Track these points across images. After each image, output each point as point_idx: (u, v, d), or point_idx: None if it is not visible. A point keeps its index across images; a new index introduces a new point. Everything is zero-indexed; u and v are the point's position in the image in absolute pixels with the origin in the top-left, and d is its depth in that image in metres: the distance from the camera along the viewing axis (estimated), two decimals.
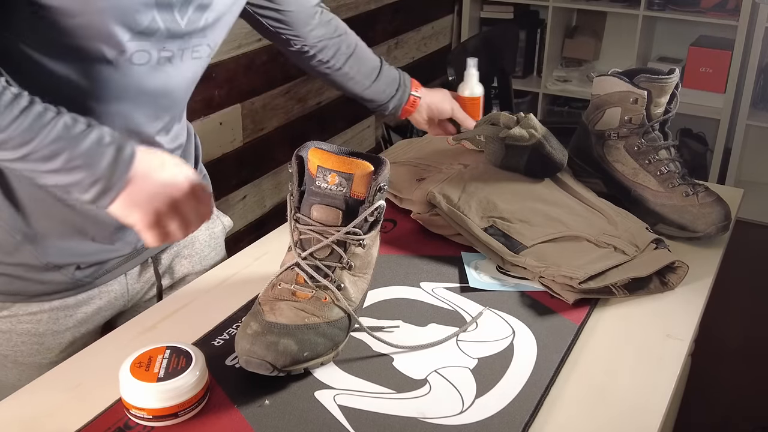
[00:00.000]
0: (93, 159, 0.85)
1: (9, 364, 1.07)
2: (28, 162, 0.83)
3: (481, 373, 0.92)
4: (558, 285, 1.07)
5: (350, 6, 2.82)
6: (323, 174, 0.92)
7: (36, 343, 1.06)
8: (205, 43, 0.99)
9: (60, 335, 1.07)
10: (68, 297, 1.06)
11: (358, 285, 0.96)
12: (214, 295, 1.10)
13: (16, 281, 1.01)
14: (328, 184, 0.92)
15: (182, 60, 0.97)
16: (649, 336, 1.01)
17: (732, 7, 3.28)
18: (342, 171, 0.91)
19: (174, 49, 0.95)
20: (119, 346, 0.98)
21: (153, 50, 0.92)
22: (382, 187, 0.94)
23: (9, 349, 1.06)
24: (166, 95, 0.99)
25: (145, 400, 0.82)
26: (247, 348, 0.87)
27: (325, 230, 0.93)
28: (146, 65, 0.93)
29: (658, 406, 0.88)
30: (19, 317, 1.04)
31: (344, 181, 0.92)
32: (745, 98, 3.29)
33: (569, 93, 3.63)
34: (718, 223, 1.21)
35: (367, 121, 3.19)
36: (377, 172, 0.93)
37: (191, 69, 1.01)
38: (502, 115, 1.34)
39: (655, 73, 1.25)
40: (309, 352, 0.88)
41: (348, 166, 0.92)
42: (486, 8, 3.73)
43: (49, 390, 0.91)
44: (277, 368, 0.86)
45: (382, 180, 0.93)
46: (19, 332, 1.05)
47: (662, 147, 1.27)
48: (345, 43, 1.32)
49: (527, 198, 1.25)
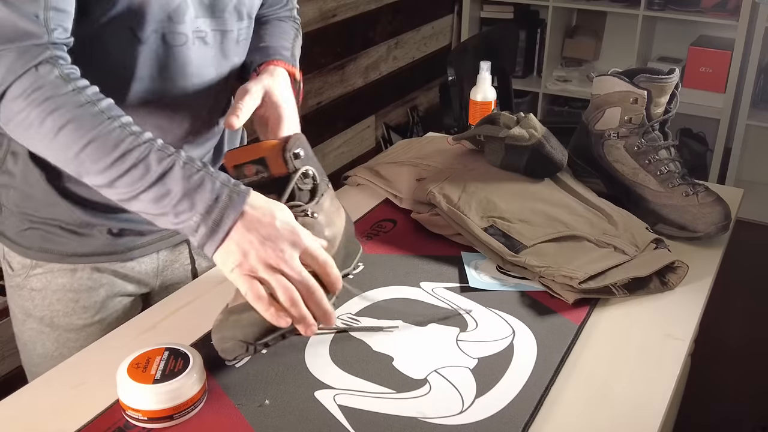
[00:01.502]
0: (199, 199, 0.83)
1: (46, 329, 1.09)
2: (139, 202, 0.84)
3: (481, 373, 0.92)
4: (558, 285, 1.07)
5: (350, 6, 2.82)
6: (240, 171, 0.93)
7: (72, 300, 1.08)
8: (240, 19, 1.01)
9: (95, 293, 1.08)
10: (102, 262, 1.08)
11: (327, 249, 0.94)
12: (214, 295, 1.10)
13: (53, 237, 1.04)
14: (248, 177, 0.92)
15: (223, 42, 1.00)
16: (649, 336, 1.01)
17: (732, 7, 3.28)
18: (253, 159, 0.92)
19: (208, 30, 0.97)
20: (119, 346, 0.98)
21: (187, 30, 0.94)
22: (297, 154, 0.92)
23: (45, 309, 1.08)
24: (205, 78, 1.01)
25: (141, 402, 0.82)
26: (218, 336, 0.87)
27: None
28: (183, 46, 0.95)
29: (658, 406, 0.88)
30: (54, 272, 1.06)
31: (261, 167, 0.92)
32: (745, 98, 3.29)
33: (569, 93, 3.63)
34: (718, 223, 1.21)
35: (367, 121, 3.19)
36: (286, 143, 0.92)
37: (237, 53, 1.03)
38: (502, 114, 1.34)
39: (655, 73, 1.25)
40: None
41: (255, 152, 0.92)
42: (486, 8, 3.73)
43: (49, 390, 0.91)
44: (248, 343, 0.86)
45: (292, 147, 0.92)
46: (54, 288, 1.07)
47: (662, 147, 1.27)
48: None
49: (527, 198, 1.25)
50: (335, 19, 2.76)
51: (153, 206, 0.83)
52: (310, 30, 2.63)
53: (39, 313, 1.09)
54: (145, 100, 0.97)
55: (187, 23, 0.95)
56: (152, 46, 0.94)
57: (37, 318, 1.09)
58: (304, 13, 2.58)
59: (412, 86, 3.47)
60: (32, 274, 1.07)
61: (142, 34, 0.92)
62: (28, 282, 1.08)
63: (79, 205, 1.02)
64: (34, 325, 1.10)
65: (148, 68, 0.95)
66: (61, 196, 1.01)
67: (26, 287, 1.08)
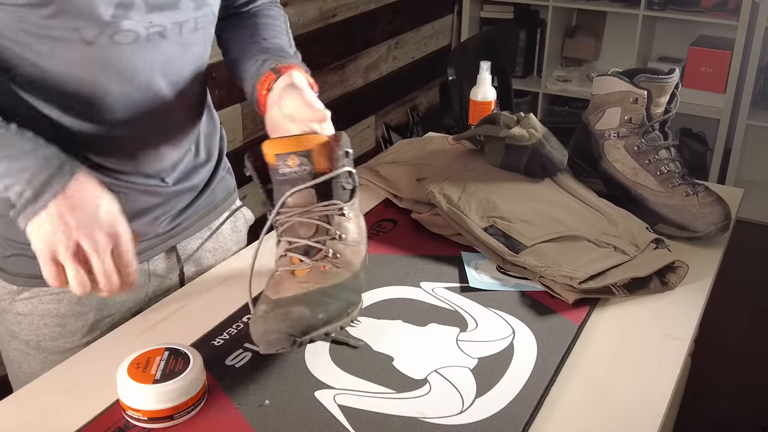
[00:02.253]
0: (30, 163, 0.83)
1: (32, 351, 1.07)
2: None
3: (481, 373, 0.92)
4: (558, 285, 1.07)
5: (350, 6, 2.82)
6: (283, 160, 0.92)
7: (58, 325, 1.05)
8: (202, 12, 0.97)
9: (83, 317, 1.06)
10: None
11: (354, 252, 0.95)
12: (214, 295, 1.10)
13: (36, 263, 1.01)
14: (290, 168, 0.92)
15: (181, 34, 0.95)
16: (649, 336, 1.01)
17: (732, 7, 3.28)
18: (299, 151, 0.91)
19: (166, 23, 0.93)
20: (119, 347, 0.98)
21: (139, 26, 0.89)
22: (347, 152, 0.93)
23: (31, 333, 1.05)
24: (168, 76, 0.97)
25: (140, 402, 0.82)
26: (262, 328, 0.86)
27: (305, 212, 0.92)
28: (134, 43, 0.90)
29: (658, 406, 0.88)
30: (41, 297, 1.04)
31: (305, 160, 0.91)
32: (745, 98, 3.29)
33: (569, 93, 3.63)
34: (718, 223, 1.21)
35: (367, 121, 3.19)
36: (336, 140, 0.92)
37: (195, 42, 0.99)
38: (502, 114, 1.34)
39: (655, 73, 1.25)
40: (323, 314, 0.87)
41: (303, 144, 0.91)
42: (486, 8, 3.73)
43: (49, 390, 0.91)
44: (296, 337, 0.85)
45: (344, 145, 0.92)
46: (41, 313, 1.04)
47: (662, 147, 1.27)
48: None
49: (527, 198, 1.25)
50: (335, 19, 2.76)
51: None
52: (310, 30, 2.63)
53: (25, 336, 1.06)
54: (111, 107, 0.94)
55: (136, 19, 0.89)
56: (103, 47, 0.89)
57: (23, 341, 1.07)
58: (304, 12, 2.58)
59: (412, 86, 3.47)
60: (18, 299, 1.04)
61: (88, 34, 0.87)
62: (14, 307, 1.05)
63: None
64: (20, 347, 1.07)
65: (104, 70, 0.91)
66: None
67: (12, 311, 1.05)
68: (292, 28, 1.17)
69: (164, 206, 1.08)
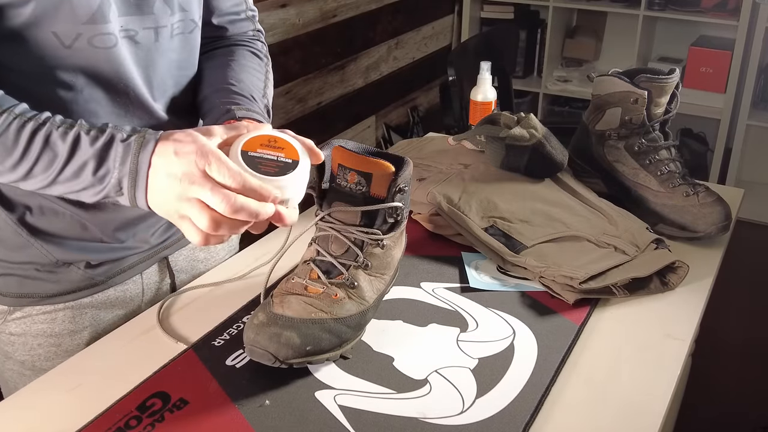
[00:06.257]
0: (111, 158, 0.79)
1: (27, 372, 1.05)
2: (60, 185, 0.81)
3: (482, 373, 0.92)
4: (558, 285, 1.07)
5: (350, 6, 2.82)
6: (343, 173, 0.93)
7: (53, 344, 1.04)
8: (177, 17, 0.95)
9: (77, 335, 1.05)
10: (83, 297, 1.04)
11: (373, 285, 0.96)
12: (214, 295, 1.10)
13: (28, 282, 1.00)
14: (347, 183, 0.93)
15: (158, 40, 0.93)
16: (649, 336, 1.01)
17: (732, 7, 3.28)
18: (361, 170, 0.92)
19: (138, 28, 0.91)
20: (119, 347, 0.98)
21: (114, 30, 0.87)
22: (402, 188, 0.94)
23: (26, 353, 1.04)
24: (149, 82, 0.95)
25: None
26: (252, 337, 0.87)
27: (344, 228, 0.94)
28: (114, 48, 0.88)
29: (659, 406, 0.88)
30: (33, 317, 1.02)
31: (363, 180, 0.92)
32: (746, 98, 3.29)
33: (569, 93, 3.63)
34: (718, 223, 1.21)
35: (368, 121, 3.19)
36: (398, 173, 0.93)
37: (173, 49, 0.96)
38: (502, 115, 1.34)
39: (656, 73, 1.25)
40: (312, 347, 0.88)
41: (367, 166, 0.92)
42: (486, 8, 3.73)
43: (49, 390, 0.91)
44: (279, 360, 0.86)
45: (402, 181, 0.93)
46: (35, 333, 1.03)
47: (663, 147, 1.27)
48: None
49: (527, 198, 1.25)
50: (336, 19, 2.76)
51: (74, 183, 0.80)
52: (310, 30, 2.63)
53: (20, 357, 1.04)
54: (95, 112, 0.92)
55: (113, 23, 0.88)
56: (82, 51, 0.87)
57: (18, 361, 1.05)
58: (305, 13, 2.58)
59: (413, 86, 3.48)
60: (10, 320, 1.03)
61: (66, 38, 0.85)
62: (7, 327, 1.03)
63: (53, 243, 0.98)
64: (15, 368, 1.06)
65: (84, 75, 0.89)
66: (33, 237, 0.97)
67: (5, 332, 1.04)
68: (292, 28, 1.16)
69: (155, 217, 1.04)
